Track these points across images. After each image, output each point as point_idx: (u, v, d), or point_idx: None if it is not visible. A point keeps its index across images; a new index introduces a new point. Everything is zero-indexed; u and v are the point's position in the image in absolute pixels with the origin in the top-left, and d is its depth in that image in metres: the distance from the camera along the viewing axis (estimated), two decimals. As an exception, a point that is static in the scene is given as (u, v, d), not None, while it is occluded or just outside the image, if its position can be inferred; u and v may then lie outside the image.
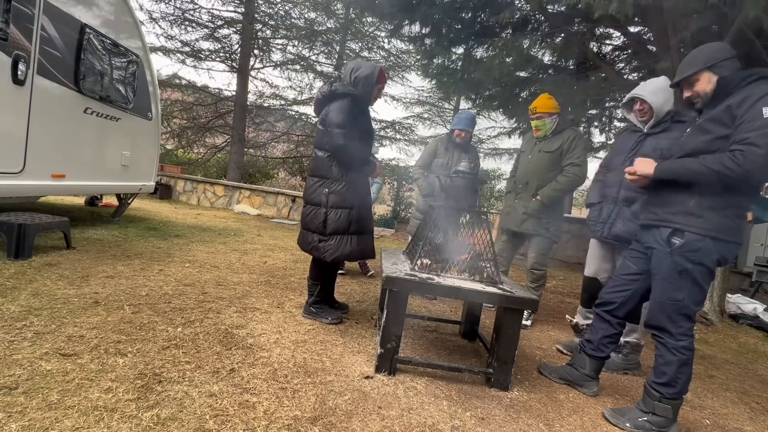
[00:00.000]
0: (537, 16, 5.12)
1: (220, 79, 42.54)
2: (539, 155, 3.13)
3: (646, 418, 1.80)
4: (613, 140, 8.42)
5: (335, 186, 2.40)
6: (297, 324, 2.45)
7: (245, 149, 11.88)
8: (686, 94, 1.84)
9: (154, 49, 10.08)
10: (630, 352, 2.60)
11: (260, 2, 10.87)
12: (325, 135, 2.40)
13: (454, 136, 3.61)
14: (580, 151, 3.05)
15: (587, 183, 3.32)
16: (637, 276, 1.99)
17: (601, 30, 5.61)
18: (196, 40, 10.97)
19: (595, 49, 5.78)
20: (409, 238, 3.44)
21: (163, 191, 9.08)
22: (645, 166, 1.86)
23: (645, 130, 2.44)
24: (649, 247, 1.89)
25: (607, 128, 7.94)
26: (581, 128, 8.95)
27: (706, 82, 1.75)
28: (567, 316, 2.95)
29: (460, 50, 5.94)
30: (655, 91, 2.34)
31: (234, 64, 11.08)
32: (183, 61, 10.79)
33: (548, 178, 3.10)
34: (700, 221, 1.69)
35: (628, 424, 1.82)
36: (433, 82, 7.33)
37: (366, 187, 2.59)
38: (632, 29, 5.19)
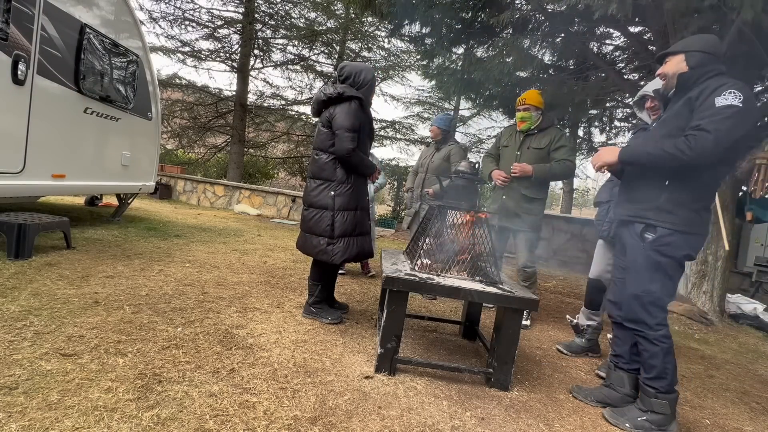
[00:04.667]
0: (537, 16, 5.12)
1: (220, 79, 42.65)
2: (529, 152, 3.12)
3: (645, 417, 1.80)
4: (613, 140, 8.41)
5: (341, 188, 2.40)
6: (297, 324, 2.45)
7: (245, 149, 11.88)
8: (659, 70, 1.94)
9: (154, 49, 10.08)
10: (592, 334, 2.73)
11: (260, 2, 10.87)
12: (330, 137, 2.40)
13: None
14: (570, 149, 3.11)
15: (586, 183, 3.33)
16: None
17: (601, 30, 5.60)
18: (196, 40, 11.00)
19: (595, 49, 5.78)
20: (409, 236, 3.46)
21: (163, 191, 9.08)
22: (610, 154, 1.92)
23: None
24: (625, 242, 1.96)
25: (607, 128, 7.93)
26: (581, 128, 8.96)
27: (674, 65, 1.84)
28: (567, 316, 2.94)
29: (460, 50, 5.94)
30: None
31: (234, 64, 11.08)
32: (183, 61, 10.80)
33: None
34: (671, 217, 1.76)
35: (627, 424, 1.82)
36: (433, 82, 7.33)
37: (366, 187, 2.62)
38: (632, 29, 5.18)
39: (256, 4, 10.66)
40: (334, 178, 2.41)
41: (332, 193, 2.39)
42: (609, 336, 2.53)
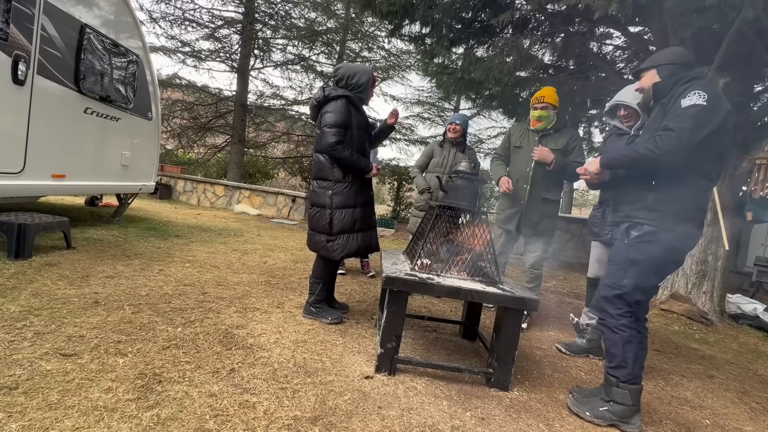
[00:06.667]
0: (537, 16, 5.11)
1: (220, 79, 42.58)
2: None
3: (606, 408, 1.82)
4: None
5: (338, 187, 2.46)
6: (297, 324, 2.45)
7: (245, 149, 11.87)
8: (636, 85, 2.09)
9: (154, 49, 10.07)
10: (592, 335, 2.70)
11: (260, 2, 10.87)
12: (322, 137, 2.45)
13: (448, 132, 3.69)
14: (582, 151, 3.02)
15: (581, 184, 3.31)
16: None
17: (601, 30, 5.60)
18: (196, 40, 11.00)
19: (595, 49, 5.77)
20: (410, 237, 3.43)
21: (163, 191, 9.08)
22: (592, 164, 2.05)
23: (633, 132, 2.48)
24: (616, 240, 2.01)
25: (607, 128, 7.93)
26: (581, 128, 8.95)
27: (648, 79, 1.96)
28: (571, 315, 2.94)
29: (460, 50, 5.94)
30: (637, 95, 2.36)
31: (234, 64, 11.07)
32: (183, 61, 10.79)
33: (555, 176, 2.95)
34: (658, 215, 1.80)
35: (588, 413, 1.84)
36: (433, 81, 7.32)
37: (368, 184, 2.63)
38: (632, 29, 5.18)
39: (256, 4, 10.66)
40: (331, 177, 2.47)
41: (330, 192, 2.46)
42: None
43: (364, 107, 2.66)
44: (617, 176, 2.08)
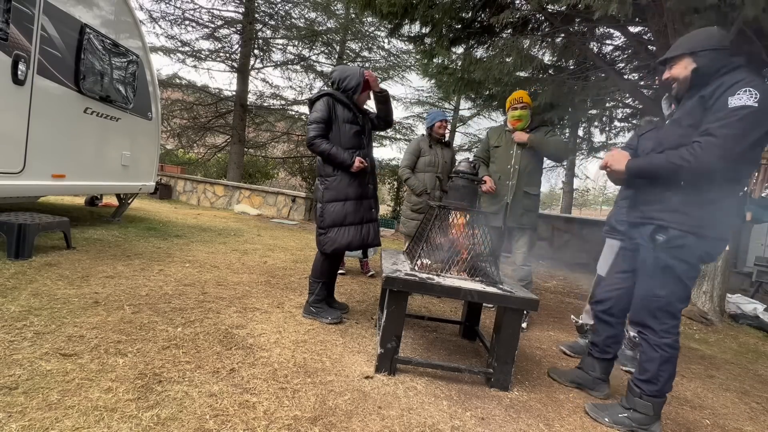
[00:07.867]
0: (537, 16, 5.11)
1: (220, 79, 42.60)
2: (524, 149, 3.10)
3: (626, 415, 1.80)
4: (613, 140, 8.40)
5: (329, 182, 2.52)
6: (297, 324, 2.45)
7: (245, 149, 11.87)
8: (665, 74, 1.83)
9: (154, 49, 10.07)
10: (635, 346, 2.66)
11: (260, 2, 10.87)
12: None
13: (436, 129, 3.72)
14: (559, 138, 3.13)
15: (585, 183, 3.32)
16: (628, 273, 1.99)
17: (601, 30, 5.60)
18: (196, 40, 11.01)
19: (595, 49, 5.77)
20: (403, 238, 3.43)
21: (163, 191, 9.08)
22: (617, 161, 1.85)
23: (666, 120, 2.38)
24: (637, 244, 1.90)
25: (607, 128, 7.93)
26: (581, 128, 8.96)
27: (683, 68, 1.73)
28: (572, 316, 2.93)
29: (460, 50, 5.94)
30: None
31: (234, 64, 11.07)
32: (183, 61, 10.79)
33: (536, 171, 3.15)
34: (684, 218, 1.66)
35: (607, 419, 1.82)
36: (433, 81, 7.33)
37: (363, 177, 2.59)
38: (632, 29, 5.18)
39: (256, 4, 10.66)
40: (323, 173, 2.55)
41: (322, 186, 2.54)
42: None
43: (364, 106, 2.68)
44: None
